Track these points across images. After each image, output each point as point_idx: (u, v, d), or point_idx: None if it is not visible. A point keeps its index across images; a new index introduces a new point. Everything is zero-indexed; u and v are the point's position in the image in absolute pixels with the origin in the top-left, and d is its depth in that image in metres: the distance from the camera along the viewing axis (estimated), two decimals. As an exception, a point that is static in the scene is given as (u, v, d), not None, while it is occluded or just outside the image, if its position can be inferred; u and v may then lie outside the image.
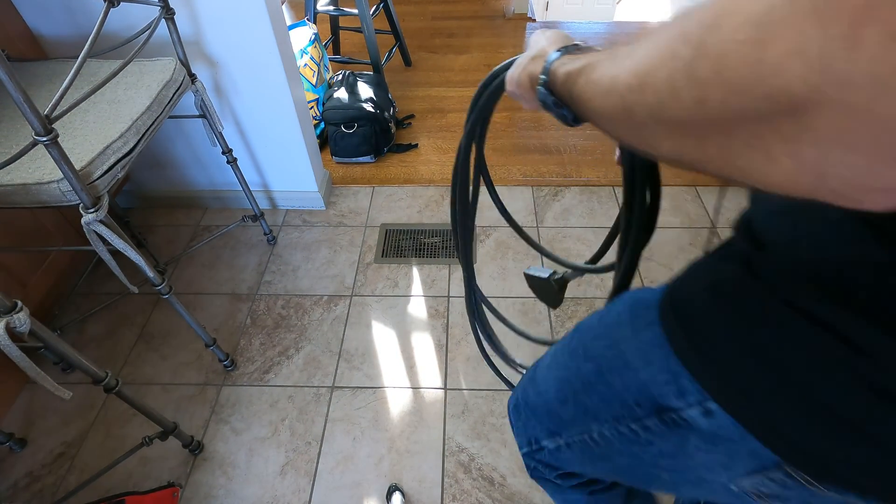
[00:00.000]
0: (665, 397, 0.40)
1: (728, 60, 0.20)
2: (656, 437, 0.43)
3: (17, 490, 1.15)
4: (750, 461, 0.38)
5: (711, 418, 0.38)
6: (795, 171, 0.20)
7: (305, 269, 1.60)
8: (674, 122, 0.24)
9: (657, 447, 0.44)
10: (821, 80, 0.17)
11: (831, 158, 0.18)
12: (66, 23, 1.30)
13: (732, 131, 0.21)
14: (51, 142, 0.76)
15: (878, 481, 0.32)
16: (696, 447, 0.41)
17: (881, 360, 0.28)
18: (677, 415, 0.40)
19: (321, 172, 1.78)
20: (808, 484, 0.35)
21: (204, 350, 1.38)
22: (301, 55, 1.90)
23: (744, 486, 0.40)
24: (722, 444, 0.39)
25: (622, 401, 0.45)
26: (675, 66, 0.22)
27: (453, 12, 2.98)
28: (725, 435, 0.38)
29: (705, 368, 0.37)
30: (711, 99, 0.21)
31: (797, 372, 0.32)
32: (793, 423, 0.33)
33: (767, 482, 0.38)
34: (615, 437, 0.47)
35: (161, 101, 1.09)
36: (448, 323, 1.43)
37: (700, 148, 0.24)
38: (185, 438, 1.15)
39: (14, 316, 0.72)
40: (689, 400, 0.39)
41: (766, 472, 0.37)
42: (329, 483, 1.14)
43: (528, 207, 1.77)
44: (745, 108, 0.20)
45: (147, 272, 1.03)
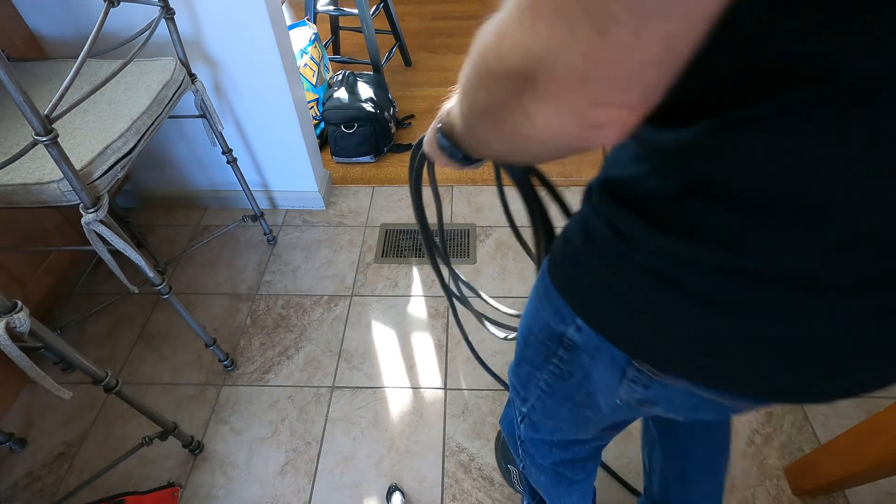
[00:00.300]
0: (557, 325, 0.48)
1: (488, 55, 0.28)
2: (570, 366, 0.51)
3: (17, 490, 1.15)
4: (615, 367, 0.45)
5: (582, 332, 0.46)
6: (550, 123, 0.27)
7: (305, 269, 1.60)
8: (486, 114, 0.32)
9: (575, 377, 0.52)
10: (528, 58, 0.25)
11: (558, 108, 0.26)
12: (66, 23, 1.30)
13: (509, 105, 0.28)
14: (51, 142, 0.76)
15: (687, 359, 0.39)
16: (590, 364, 0.48)
17: (647, 248, 0.36)
18: (567, 338, 0.48)
19: (321, 172, 1.78)
20: (653, 375, 0.42)
21: (204, 350, 1.38)
22: (301, 55, 1.90)
23: (624, 399, 0.47)
24: (597, 355, 0.46)
25: (541, 342, 0.53)
26: (471, 70, 0.31)
27: (453, 12, 2.98)
28: (594, 345, 0.45)
29: (565, 290, 0.46)
30: (491, 86, 0.29)
31: (604, 273, 0.41)
32: (612, 314, 0.42)
33: (632, 385, 0.45)
34: (552, 379, 0.55)
35: (161, 101, 1.09)
36: (448, 323, 1.43)
37: (501, 129, 0.31)
38: (185, 438, 1.15)
39: (14, 316, 0.72)
40: (567, 321, 0.47)
41: (627, 375, 0.44)
42: (329, 483, 1.14)
43: (528, 207, 1.77)
44: (507, 86, 0.27)
45: (147, 272, 1.03)
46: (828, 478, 1.01)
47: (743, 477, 1.12)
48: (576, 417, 0.59)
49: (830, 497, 1.08)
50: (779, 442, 1.17)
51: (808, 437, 1.18)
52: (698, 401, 0.44)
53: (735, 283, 0.34)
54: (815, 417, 1.21)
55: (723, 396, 0.42)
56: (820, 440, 1.17)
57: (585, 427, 0.62)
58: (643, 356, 0.42)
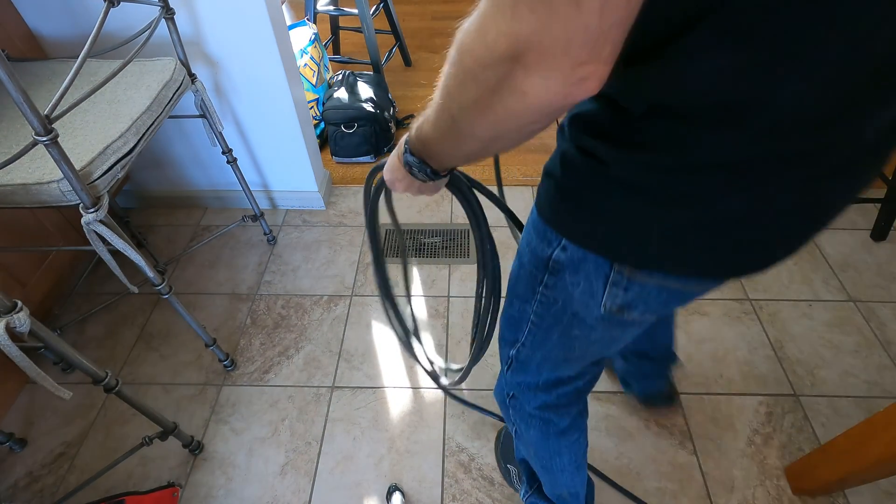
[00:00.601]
0: (544, 251, 0.55)
1: (474, 51, 0.33)
2: (554, 292, 0.58)
3: (17, 490, 1.15)
4: (598, 275, 0.51)
5: (566, 251, 0.52)
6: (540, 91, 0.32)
7: (305, 269, 1.60)
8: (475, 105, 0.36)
9: (559, 303, 0.58)
10: (516, 41, 0.30)
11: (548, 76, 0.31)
12: (67, 23, 1.30)
13: (500, 87, 0.33)
14: (51, 142, 0.76)
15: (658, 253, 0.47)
16: (572, 283, 0.54)
17: (614, 163, 0.44)
18: (553, 261, 0.55)
19: (321, 172, 1.78)
20: (631, 276, 0.49)
21: (204, 350, 1.38)
22: (301, 55, 1.90)
23: (608, 306, 0.53)
24: (580, 269, 0.52)
25: (530, 273, 0.60)
26: (455, 69, 0.36)
27: (453, 12, 2.98)
28: (578, 259, 0.52)
29: (550, 218, 0.53)
30: (480, 76, 0.34)
31: (582, 192, 0.48)
32: (592, 227, 0.49)
33: (614, 290, 0.51)
34: (540, 308, 0.62)
35: (161, 101, 1.09)
36: (448, 323, 1.43)
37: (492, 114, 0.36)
38: (185, 438, 1.15)
39: (14, 316, 0.72)
40: (553, 244, 0.54)
41: (610, 279, 0.51)
42: (329, 483, 1.14)
43: (528, 207, 1.77)
44: (497, 71, 0.33)
45: (147, 272, 1.03)
46: (828, 478, 1.01)
47: (743, 477, 1.12)
48: (564, 342, 0.65)
49: (830, 497, 1.08)
50: (779, 442, 1.17)
51: (808, 437, 1.18)
52: (668, 294, 0.52)
53: (689, 177, 0.41)
54: (815, 417, 1.21)
55: (688, 283, 0.50)
56: (820, 440, 1.17)
57: (572, 353, 0.67)
58: (622, 258, 0.49)
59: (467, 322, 1.44)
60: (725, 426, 1.20)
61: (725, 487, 1.11)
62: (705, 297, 0.60)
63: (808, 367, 1.30)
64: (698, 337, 1.38)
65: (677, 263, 0.48)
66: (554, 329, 0.63)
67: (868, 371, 1.29)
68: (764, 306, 1.44)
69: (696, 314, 1.42)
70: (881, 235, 1.59)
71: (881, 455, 0.85)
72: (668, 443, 1.18)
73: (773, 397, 1.25)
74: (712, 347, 1.35)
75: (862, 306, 1.42)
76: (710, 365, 1.32)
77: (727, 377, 1.29)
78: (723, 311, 1.43)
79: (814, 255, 1.56)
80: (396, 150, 0.54)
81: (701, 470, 1.14)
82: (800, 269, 1.53)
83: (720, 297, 1.46)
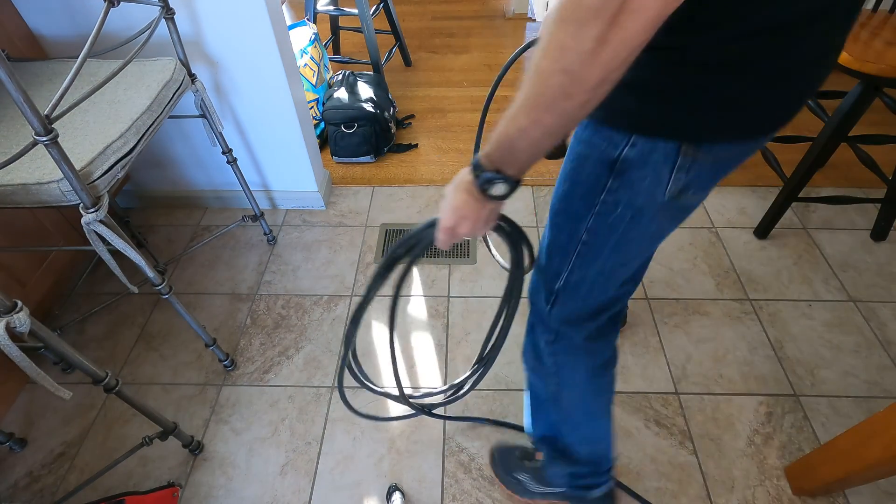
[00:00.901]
0: (609, 155, 0.60)
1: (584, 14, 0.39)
2: (617, 194, 0.62)
3: (17, 490, 1.15)
4: (666, 163, 0.58)
5: (635, 147, 0.58)
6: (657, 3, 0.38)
7: (305, 269, 1.60)
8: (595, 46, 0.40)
9: (621, 206, 0.63)
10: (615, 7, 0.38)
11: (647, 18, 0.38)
12: (67, 23, 1.31)
13: (618, 19, 0.38)
14: (51, 142, 0.76)
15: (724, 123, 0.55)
16: (639, 178, 0.60)
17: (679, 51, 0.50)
18: (621, 161, 0.59)
19: (321, 172, 1.78)
20: (695, 156, 0.57)
21: (204, 350, 1.38)
22: (301, 55, 1.90)
23: (671, 192, 0.60)
24: (647, 162, 0.58)
25: (590, 184, 0.64)
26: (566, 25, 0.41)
27: (453, 12, 2.98)
28: (647, 152, 0.57)
29: (618, 118, 0.58)
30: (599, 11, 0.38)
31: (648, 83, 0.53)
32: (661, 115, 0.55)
33: (679, 175, 0.58)
34: (595, 221, 0.66)
35: (161, 101, 1.09)
36: (448, 323, 1.43)
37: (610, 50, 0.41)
38: (185, 438, 1.15)
39: (14, 316, 0.72)
40: (621, 145, 0.58)
41: (676, 164, 0.57)
42: (329, 483, 1.14)
43: (528, 207, 1.77)
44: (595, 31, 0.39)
45: (147, 272, 1.03)
46: (828, 478, 1.01)
47: (743, 477, 1.12)
48: (618, 249, 0.70)
49: (830, 497, 1.08)
50: (779, 442, 1.17)
51: (808, 437, 1.18)
52: (718, 168, 0.60)
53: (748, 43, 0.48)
54: (815, 417, 1.21)
55: (738, 148, 0.59)
56: (820, 440, 1.17)
57: (625, 258, 0.72)
58: (691, 137, 0.56)
59: (467, 322, 1.44)
60: (725, 426, 1.20)
61: (725, 487, 1.11)
62: (705, 297, 0.62)
63: (808, 367, 1.30)
64: (698, 337, 1.38)
65: (736, 128, 0.56)
66: (608, 239, 0.68)
67: (868, 371, 1.29)
68: (764, 306, 1.44)
69: (696, 314, 1.42)
70: (881, 235, 1.59)
71: (881, 455, 0.85)
72: (668, 443, 1.18)
73: (773, 397, 1.25)
74: (712, 347, 1.35)
75: (862, 306, 1.42)
76: (710, 365, 1.32)
77: (727, 377, 1.29)
78: (723, 311, 1.43)
79: (814, 255, 1.56)
80: (456, 188, 0.59)
81: (701, 470, 1.14)
82: (800, 269, 1.53)
83: (720, 297, 1.46)
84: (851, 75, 1.26)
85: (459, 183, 0.59)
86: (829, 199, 1.56)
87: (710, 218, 1.69)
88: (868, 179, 1.69)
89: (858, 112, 1.32)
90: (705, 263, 1.56)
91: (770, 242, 1.61)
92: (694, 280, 1.51)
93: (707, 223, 1.68)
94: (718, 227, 1.66)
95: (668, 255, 1.58)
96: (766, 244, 1.61)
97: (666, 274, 1.53)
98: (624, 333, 1.39)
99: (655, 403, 1.25)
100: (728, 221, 1.68)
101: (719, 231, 1.65)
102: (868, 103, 1.30)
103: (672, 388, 1.28)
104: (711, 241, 1.62)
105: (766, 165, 1.78)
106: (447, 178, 1.88)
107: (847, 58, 1.23)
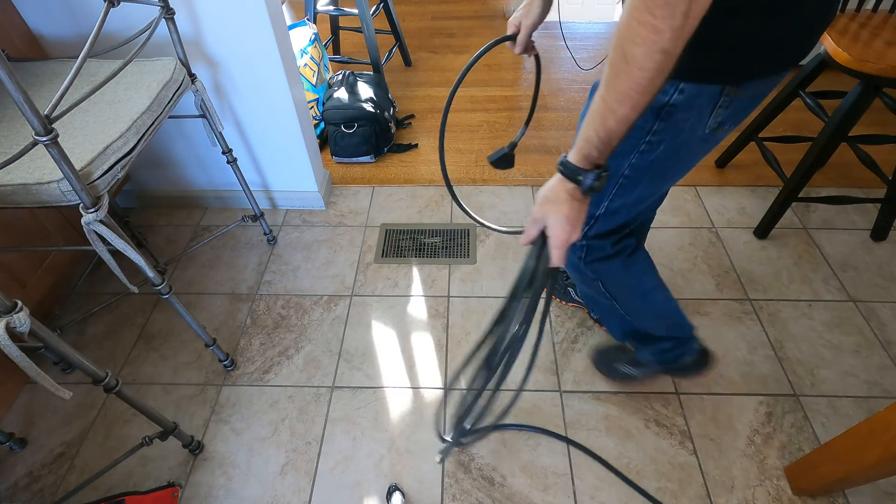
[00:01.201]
0: (658, 101, 0.68)
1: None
2: (661, 135, 0.72)
3: (17, 490, 1.15)
4: (710, 102, 0.68)
5: (683, 93, 0.67)
6: None
7: (305, 269, 1.60)
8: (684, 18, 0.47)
9: (664, 144, 0.73)
10: None
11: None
12: (67, 23, 1.30)
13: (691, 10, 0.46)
14: (51, 142, 0.76)
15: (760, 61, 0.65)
16: (683, 119, 0.70)
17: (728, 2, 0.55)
18: (669, 106, 0.69)
19: (321, 172, 1.78)
20: (734, 95, 0.67)
21: (204, 350, 1.38)
22: (301, 55, 1.90)
23: (711, 125, 0.71)
24: (693, 105, 0.68)
25: (637, 126, 0.66)
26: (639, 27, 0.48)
27: (453, 12, 2.98)
28: (693, 96, 0.67)
29: None
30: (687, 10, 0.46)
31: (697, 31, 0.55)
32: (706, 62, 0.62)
33: (719, 111, 0.69)
34: (638, 157, 0.76)
35: (161, 101, 1.09)
36: (448, 323, 1.43)
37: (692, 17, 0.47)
38: (185, 438, 1.15)
39: (14, 316, 0.72)
40: (670, 92, 0.68)
41: (718, 103, 0.67)
42: (329, 483, 1.14)
43: (527, 207, 1.77)
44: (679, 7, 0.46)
45: (147, 272, 1.03)
46: (828, 478, 1.01)
47: (743, 477, 1.12)
48: (658, 176, 0.80)
49: (830, 497, 1.08)
50: (779, 442, 1.17)
51: (808, 437, 1.18)
52: (749, 102, 0.71)
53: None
54: (815, 417, 1.21)
55: (768, 84, 0.69)
56: (820, 440, 1.17)
57: (662, 184, 0.84)
58: (734, 79, 0.65)
59: (467, 322, 1.44)
60: (725, 426, 1.20)
61: (725, 487, 1.11)
62: (705, 297, 0.64)
63: (808, 367, 1.30)
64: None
65: (772, 65, 0.65)
66: (648, 172, 0.78)
67: (868, 371, 1.29)
68: (764, 306, 1.44)
69: (696, 314, 1.42)
70: (881, 235, 1.59)
71: (881, 455, 0.85)
72: (668, 443, 1.18)
73: (773, 397, 1.25)
74: (712, 347, 1.35)
75: (862, 306, 1.42)
76: (710, 365, 1.32)
77: (727, 377, 1.29)
78: (723, 311, 1.43)
79: (814, 255, 1.56)
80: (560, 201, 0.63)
81: (701, 470, 1.14)
82: (800, 269, 1.53)
83: (720, 297, 1.46)
84: (851, 75, 1.26)
85: (559, 194, 0.63)
86: (829, 199, 1.56)
87: (710, 218, 1.69)
88: (868, 179, 1.69)
89: (858, 112, 1.32)
90: (705, 263, 1.56)
91: (770, 242, 1.61)
92: (694, 280, 1.51)
93: (707, 223, 1.68)
94: (718, 227, 1.66)
95: (668, 255, 1.58)
96: (766, 244, 1.61)
97: (666, 274, 1.53)
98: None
99: (655, 403, 1.25)
100: (728, 221, 1.68)
101: (719, 231, 1.65)
102: (868, 103, 1.30)
103: (672, 388, 1.28)
104: (711, 241, 1.62)
105: (766, 165, 1.78)
106: (447, 178, 1.88)
107: (847, 58, 1.23)
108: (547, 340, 1.38)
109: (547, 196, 0.64)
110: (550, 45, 2.62)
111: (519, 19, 0.93)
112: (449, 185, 1.00)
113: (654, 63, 0.49)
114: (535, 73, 1.05)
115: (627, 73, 0.50)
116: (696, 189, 1.79)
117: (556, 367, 1.33)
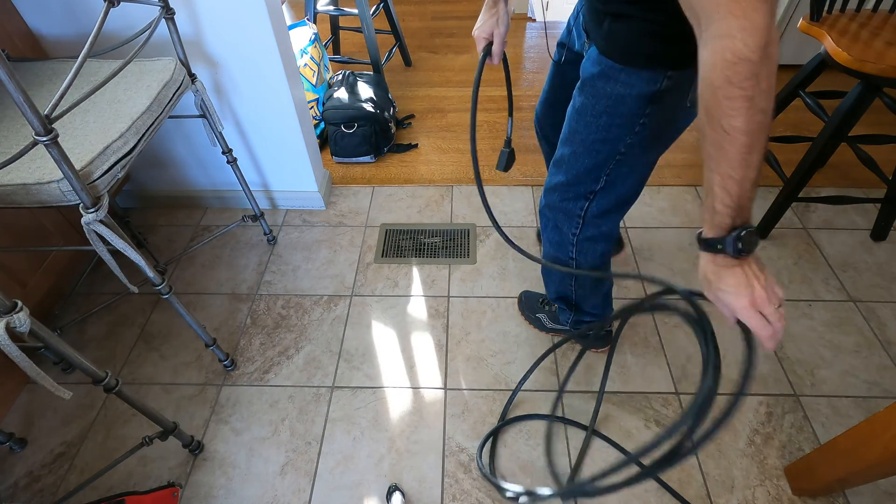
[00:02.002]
0: (649, 89, 0.77)
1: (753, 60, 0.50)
2: (654, 117, 0.80)
3: (17, 490, 1.15)
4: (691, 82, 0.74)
5: (671, 79, 0.75)
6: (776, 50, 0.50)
7: (305, 269, 1.60)
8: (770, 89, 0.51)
9: (656, 125, 0.82)
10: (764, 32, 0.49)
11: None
12: (67, 23, 1.30)
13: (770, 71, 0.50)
14: (51, 142, 0.76)
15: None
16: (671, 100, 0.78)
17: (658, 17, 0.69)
18: (660, 92, 0.77)
19: (321, 172, 1.78)
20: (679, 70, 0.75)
21: (204, 350, 1.38)
22: (301, 55, 1.90)
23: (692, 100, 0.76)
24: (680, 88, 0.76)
25: (630, 114, 0.81)
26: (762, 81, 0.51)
27: (453, 12, 2.98)
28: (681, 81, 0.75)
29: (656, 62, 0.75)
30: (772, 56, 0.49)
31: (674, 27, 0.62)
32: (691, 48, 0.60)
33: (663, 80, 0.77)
34: (634, 138, 0.84)
35: (161, 101, 1.09)
36: (448, 323, 1.43)
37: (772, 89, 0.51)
38: (185, 438, 1.15)
39: (14, 316, 0.72)
40: (660, 80, 0.76)
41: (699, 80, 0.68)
42: (329, 483, 1.14)
43: (528, 207, 1.77)
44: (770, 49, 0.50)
45: (147, 272, 1.03)
46: (828, 478, 1.01)
47: (743, 477, 1.12)
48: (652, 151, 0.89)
49: (830, 497, 1.08)
50: (779, 442, 1.17)
51: (808, 437, 1.18)
52: None
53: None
54: (815, 417, 1.21)
55: None
56: (820, 440, 1.17)
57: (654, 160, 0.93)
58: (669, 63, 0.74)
59: (468, 322, 1.44)
60: (725, 426, 1.20)
61: (725, 487, 1.11)
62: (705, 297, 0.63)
63: (808, 367, 1.30)
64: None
65: None
66: (645, 147, 0.86)
67: (868, 371, 1.29)
68: (764, 306, 1.43)
69: (696, 314, 1.42)
70: (881, 235, 1.59)
71: (881, 455, 0.85)
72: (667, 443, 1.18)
73: (773, 397, 1.25)
74: (712, 347, 1.35)
75: (862, 306, 1.42)
76: (710, 365, 1.32)
77: (727, 377, 1.29)
78: (723, 311, 1.43)
79: (814, 255, 1.56)
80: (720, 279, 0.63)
81: (701, 470, 1.14)
82: (800, 269, 1.53)
83: (720, 297, 1.46)
84: (851, 75, 1.26)
85: (715, 271, 0.63)
86: (829, 199, 1.56)
87: (710, 218, 1.69)
88: (868, 179, 1.69)
89: (858, 112, 1.32)
90: (705, 263, 1.55)
91: (770, 242, 1.61)
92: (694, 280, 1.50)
93: (707, 223, 1.68)
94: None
95: (668, 254, 1.58)
96: (766, 244, 1.61)
97: (666, 274, 1.53)
98: (624, 333, 1.39)
99: (655, 403, 1.25)
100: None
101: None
102: (868, 103, 1.30)
103: (672, 388, 1.28)
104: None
105: (766, 165, 1.77)
106: (447, 178, 1.88)
107: (847, 58, 1.23)
108: (547, 341, 1.39)
109: (708, 279, 0.65)
110: (542, 45, 2.62)
111: (488, 30, 0.95)
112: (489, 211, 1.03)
113: (757, 124, 0.51)
114: (504, 72, 1.09)
115: (732, 141, 0.52)
116: (697, 189, 1.79)
117: (556, 367, 1.33)
